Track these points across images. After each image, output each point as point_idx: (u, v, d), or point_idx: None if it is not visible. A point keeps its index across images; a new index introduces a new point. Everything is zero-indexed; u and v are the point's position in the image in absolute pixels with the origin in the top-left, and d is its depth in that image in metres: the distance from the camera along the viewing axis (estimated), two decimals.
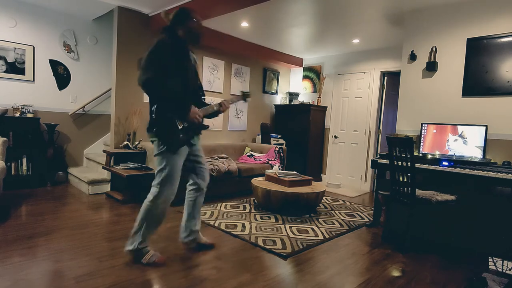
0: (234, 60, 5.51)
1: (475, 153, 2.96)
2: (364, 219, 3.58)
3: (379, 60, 5.16)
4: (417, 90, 3.51)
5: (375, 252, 2.65)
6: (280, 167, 4.83)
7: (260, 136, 5.70)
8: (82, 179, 4.04)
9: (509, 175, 2.45)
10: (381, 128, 5.25)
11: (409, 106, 3.57)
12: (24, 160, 4.02)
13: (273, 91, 6.25)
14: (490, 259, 2.60)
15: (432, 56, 3.34)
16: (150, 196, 2.14)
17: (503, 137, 2.93)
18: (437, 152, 3.18)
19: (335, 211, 3.81)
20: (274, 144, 5.46)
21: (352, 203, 4.28)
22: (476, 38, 3.08)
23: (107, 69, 4.86)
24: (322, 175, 5.95)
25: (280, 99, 6.39)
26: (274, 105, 6.25)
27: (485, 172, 2.57)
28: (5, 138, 3.38)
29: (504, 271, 2.42)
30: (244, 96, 2.56)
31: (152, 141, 2.16)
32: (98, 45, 4.76)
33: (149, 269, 2.10)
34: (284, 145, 5.65)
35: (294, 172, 4.03)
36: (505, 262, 2.51)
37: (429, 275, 2.29)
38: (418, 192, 2.77)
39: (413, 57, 3.50)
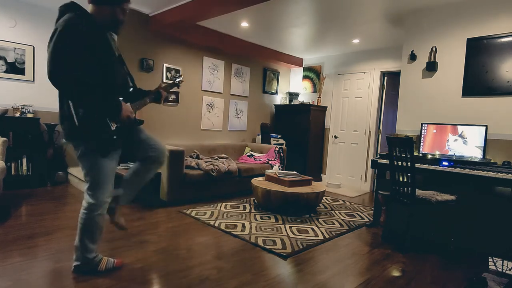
0: (234, 60, 5.51)
1: (475, 153, 2.96)
2: (364, 219, 3.58)
3: (379, 60, 5.16)
4: (417, 90, 3.51)
5: (375, 252, 2.65)
6: (280, 167, 4.83)
7: (260, 136, 5.70)
8: (82, 179, 4.04)
9: (509, 175, 2.45)
10: (381, 128, 5.25)
11: (409, 106, 3.57)
12: (24, 160, 4.02)
13: (273, 91, 6.25)
14: (490, 259, 2.60)
15: (432, 56, 3.34)
16: (84, 204, 1.92)
17: (503, 137, 2.94)
18: (437, 152, 3.18)
19: (335, 211, 3.81)
20: (274, 144, 5.46)
21: (352, 203, 4.28)
22: (476, 38, 3.08)
23: None
24: (322, 175, 5.95)
25: (280, 99, 6.39)
26: (274, 105, 6.25)
27: (485, 172, 2.57)
28: (5, 138, 3.38)
29: (504, 271, 2.42)
30: (174, 83, 2.33)
31: (74, 145, 1.86)
32: None
33: (149, 269, 2.10)
34: (284, 145, 5.65)
35: (294, 172, 4.03)
36: (505, 262, 2.51)
37: (429, 275, 2.29)
38: (418, 192, 2.77)
39: (413, 57, 3.50)
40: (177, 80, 2.34)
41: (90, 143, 1.82)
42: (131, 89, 2.06)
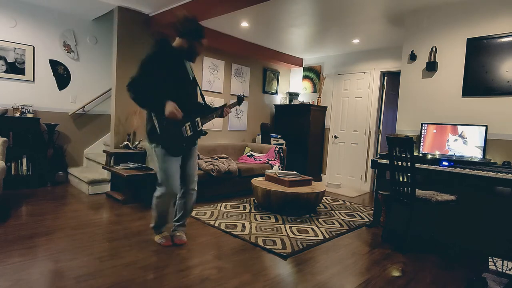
0: (234, 60, 5.51)
1: (475, 153, 2.96)
2: (364, 219, 3.58)
3: (379, 60, 5.16)
4: (417, 90, 3.51)
5: (375, 252, 2.65)
6: (280, 167, 4.83)
7: (260, 136, 5.70)
8: (82, 179, 4.04)
9: (509, 175, 2.45)
10: (381, 128, 5.25)
11: (409, 106, 3.57)
12: (24, 160, 4.02)
13: (273, 91, 6.25)
14: (490, 259, 2.60)
15: (432, 56, 3.34)
16: (157, 193, 2.40)
17: (503, 137, 2.94)
18: (437, 152, 3.18)
19: (335, 211, 3.81)
20: (274, 144, 5.46)
21: (352, 203, 4.28)
22: (476, 38, 3.09)
23: (107, 69, 4.86)
24: (322, 175, 5.95)
25: (280, 99, 6.39)
26: (274, 105, 6.25)
27: (485, 172, 2.57)
28: (5, 138, 3.38)
29: (504, 271, 2.42)
30: (239, 100, 2.72)
31: (153, 146, 2.32)
32: (98, 45, 4.76)
33: (149, 269, 2.10)
34: (284, 145, 5.65)
35: (294, 172, 4.03)
36: (505, 262, 2.51)
37: (429, 275, 2.29)
38: (418, 192, 2.77)
39: (413, 57, 3.50)
40: (241, 103, 2.79)
41: (166, 146, 2.26)
42: (202, 106, 2.58)
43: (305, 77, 6.26)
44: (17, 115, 3.93)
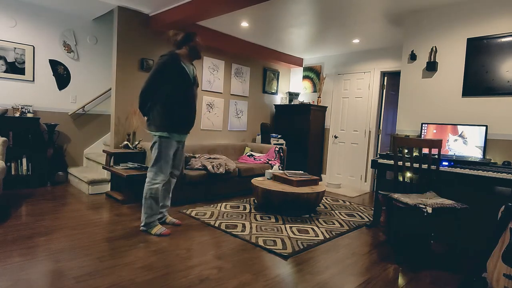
0: (234, 60, 5.51)
1: (475, 153, 2.96)
2: (364, 219, 3.58)
3: (379, 60, 5.16)
4: (417, 90, 3.51)
5: (375, 252, 2.65)
6: (280, 167, 4.83)
7: (260, 136, 5.70)
8: (82, 179, 4.04)
9: (509, 175, 2.45)
10: (381, 128, 5.25)
11: (409, 106, 3.57)
12: (24, 160, 4.02)
13: (273, 91, 6.25)
14: None
15: (432, 56, 3.34)
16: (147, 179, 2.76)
17: (503, 137, 2.94)
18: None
19: (335, 211, 3.80)
20: (274, 144, 5.46)
21: (352, 203, 4.28)
22: (476, 38, 3.09)
23: (107, 69, 4.86)
24: (322, 175, 5.95)
25: (280, 99, 6.39)
26: (274, 105, 6.25)
27: (485, 172, 2.57)
28: (5, 138, 3.38)
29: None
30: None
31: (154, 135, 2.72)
32: (98, 45, 4.76)
33: (149, 269, 2.10)
34: (284, 145, 5.65)
35: (301, 171, 4.01)
36: None
37: (429, 275, 2.29)
38: (414, 200, 2.76)
39: (413, 57, 3.50)
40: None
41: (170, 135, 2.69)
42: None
43: (305, 77, 6.26)
44: (17, 115, 3.93)
